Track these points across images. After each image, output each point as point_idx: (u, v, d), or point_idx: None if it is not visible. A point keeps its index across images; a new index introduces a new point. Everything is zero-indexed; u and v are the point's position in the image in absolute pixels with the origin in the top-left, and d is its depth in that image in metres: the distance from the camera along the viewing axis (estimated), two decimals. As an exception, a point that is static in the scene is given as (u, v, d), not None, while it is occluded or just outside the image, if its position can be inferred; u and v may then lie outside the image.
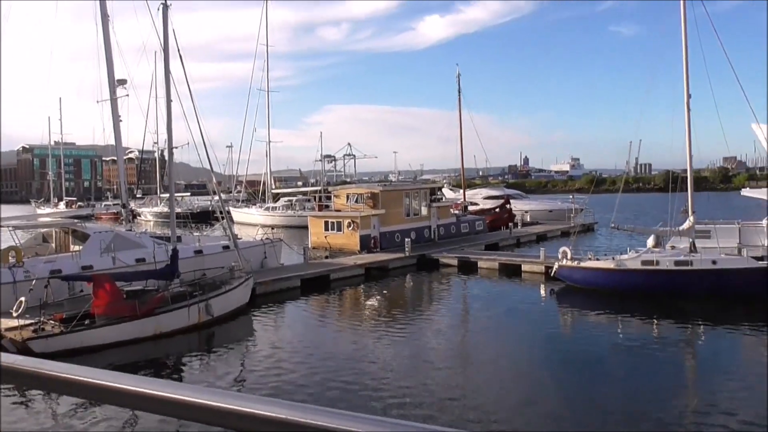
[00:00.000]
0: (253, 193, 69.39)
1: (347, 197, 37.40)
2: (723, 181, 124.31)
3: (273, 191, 69.62)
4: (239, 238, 26.16)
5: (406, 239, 33.07)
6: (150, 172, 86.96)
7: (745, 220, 28.97)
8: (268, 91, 63.68)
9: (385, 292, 26.75)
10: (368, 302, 24.38)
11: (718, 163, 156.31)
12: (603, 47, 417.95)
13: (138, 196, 73.13)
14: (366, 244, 33.93)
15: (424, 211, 38.55)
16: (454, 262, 31.97)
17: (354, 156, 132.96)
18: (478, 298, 25.25)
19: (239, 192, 70.86)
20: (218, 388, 11.58)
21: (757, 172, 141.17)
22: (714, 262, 22.81)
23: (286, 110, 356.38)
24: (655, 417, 11.96)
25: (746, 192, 32.78)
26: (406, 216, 37.31)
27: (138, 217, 61.42)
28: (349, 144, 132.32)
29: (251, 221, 55.86)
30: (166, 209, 66.99)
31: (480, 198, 56.29)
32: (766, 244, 25.72)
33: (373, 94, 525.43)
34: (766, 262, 22.95)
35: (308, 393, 13.22)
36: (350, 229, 34.42)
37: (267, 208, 62.44)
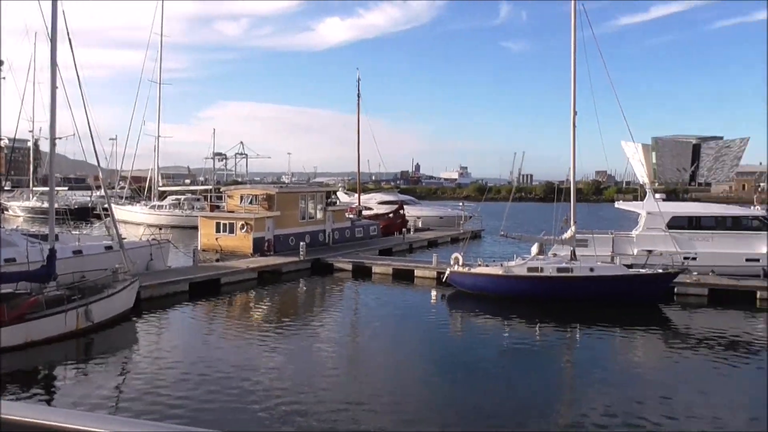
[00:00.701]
0: (138, 189, 65.81)
1: (241, 198, 36.40)
2: (596, 193, 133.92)
3: (160, 188, 66.42)
4: (124, 239, 24.62)
5: (301, 243, 32.70)
6: (23, 163, 79.97)
7: (615, 230, 31.38)
8: (160, 83, 60.84)
9: (277, 297, 26.30)
10: (260, 308, 23.83)
11: (592, 176, 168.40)
12: (494, 61, 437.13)
13: (6, 188, 67.00)
14: (259, 247, 33.21)
15: (319, 214, 38.35)
16: (349, 266, 32.02)
17: (246, 155, 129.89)
18: (371, 304, 25.41)
19: (122, 188, 66.91)
20: (92, 401, 10.80)
21: (624, 185, 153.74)
22: (591, 269, 24.47)
23: (178, 104, 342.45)
24: (538, 415, 12.58)
25: (620, 204, 35.44)
26: (301, 219, 36.92)
27: (5, 212, 56.30)
28: (241, 143, 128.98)
29: (135, 220, 52.96)
30: (38, 204, 61.97)
31: (374, 203, 56.81)
32: (635, 253, 27.99)
33: (270, 93, 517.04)
34: (635, 270, 24.98)
35: (193, 408, 12.58)
36: (243, 231, 33.53)
37: (153, 207, 59.43)
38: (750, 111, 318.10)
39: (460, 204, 62.41)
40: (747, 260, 27.55)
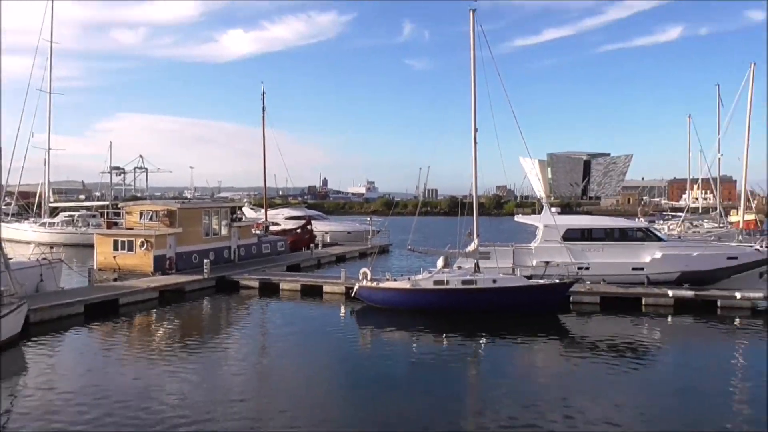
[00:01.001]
0: (26, 206, 61.41)
1: (141, 214, 34.83)
2: (497, 207, 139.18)
3: (51, 204, 62.34)
4: (10, 258, 22.87)
5: (205, 260, 31.74)
6: None
7: (516, 242, 32.79)
8: (50, 92, 57.36)
9: (180, 317, 25.33)
10: (162, 329, 22.86)
11: (492, 191, 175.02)
12: (398, 77, 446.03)
13: None
14: (161, 266, 31.90)
15: (224, 230, 37.42)
16: (256, 284, 31.42)
17: (146, 169, 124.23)
18: (279, 321, 25.02)
19: (8, 204, 62.17)
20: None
21: (523, 199, 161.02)
22: (494, 281, 25.42)
23: (71, 115, 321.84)
24: (448, 425, 12.87)
25: (519, 218, 37.09)
26: (205, 236, 35.87)
27: None
28: (141, 156, 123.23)
29: (23, 238, 49.39)
30: None
31: (282, 218, 56.22)
32: (534, 264, 29.36)
33: (172, 105, 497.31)
34: (534, 281, 26.19)
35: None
36: (143, 248, 32.09)
37: (43, 224, 55.68)
38: (632, 129, 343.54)
39: (368, 219, 63.00)
40: (633, 269, 29.60)
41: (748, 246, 32.60)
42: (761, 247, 32.36)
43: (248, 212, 59.61)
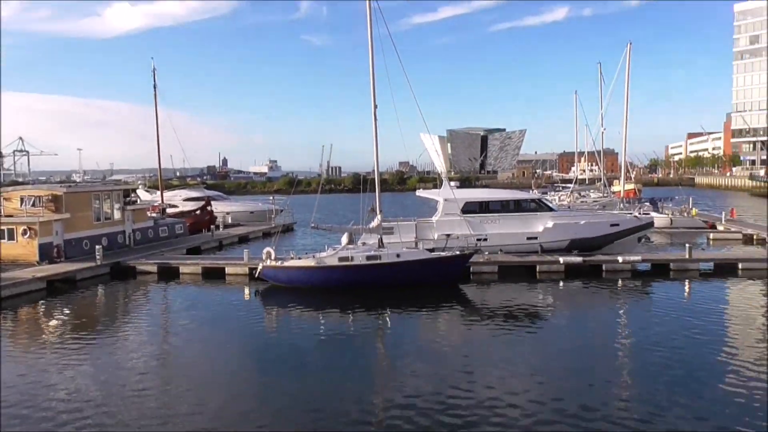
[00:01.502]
0: None
1: (21, 200, 32.31)
2: (400, 183, 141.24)
3: None
4: None
5: (97, 246, 30.09)
6: None
7: (418, 217, 33.52)
8: None
9: (72, 307, 23.91)
10: (52, 321, 21.48)
11: (395, 167, 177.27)
12: (297, 54, 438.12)
13: None
14: (47, 254, 29.86)
15: (117, 214, 35.54)
16: (154, 268, 30.19)
17: (27, 152, 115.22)
18: (180, 306, 24.22)
19: None
20: None
21: (425, 174, 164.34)
22: (398, 255, 25.88)
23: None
24: (359, 401, 13.07)
25: (420, 193, 37.88)
26: (96, 220, 33.90)
27: None
28: (20, 138, 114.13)
29: None
30: None
31: (179, 200, 54.14)
32: (436, 237, 30.17)
33: (54, 83, 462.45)
34: (436, 254, 26.92)
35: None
36: (26, 237, 29.88)
37: None
38: (525, 105, 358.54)
39: (271, 198, 62.03)
40: (527, 238, 31.15)
41: (628, 213, 35.16)
42: (639, 213, 35.03)
43: (143, 195, 56.82)
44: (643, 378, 14.28)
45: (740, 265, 28.11)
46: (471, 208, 31.61)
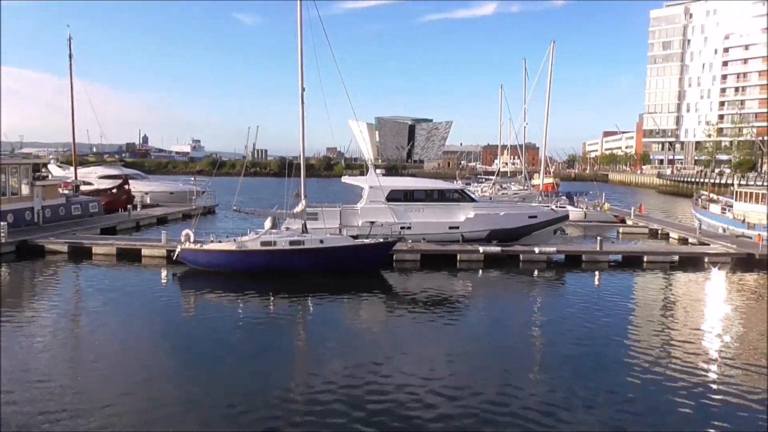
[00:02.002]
0: None
1: None
2: (326, 168, 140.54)
3: None
4: None
5: (2, 223, 28.31)
6: None
7: (343, 203, 33.54)
8: None
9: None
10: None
11: (323, 153, 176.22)
12: (226, 32, 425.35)
13: None
14: (-57, 230, 27.81)
15: (25, 190, 33.53)
16: (64, 248, 28.75)
17: None
18: (93, 288, 23.12)
19: None
20: None
21: (352, 161, 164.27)
22: (322, 242, 25.81)
23: None
24: (279, 388, 13.00)
25: (346, 179, 37.85)
26: (1, 196, 31.85)
27: None
28: None
29: None
30: None
31: (95, 177, 51.66)
32: (360, 224, 30.29)
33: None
34: (360, 240, 27.04)
35: None
36: None
37: None
38: (452, 97, 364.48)
39: (192, 179, 60.27)
40: (450, 228, 31.82)
41: (546, 206, 36.57)
42: (555, 207, 36.50)
43: (55, 170, 53.76)
44: (553, 362, 14.97)
45: (645, 258, 29.85)
46: (396, 197, 31.92)
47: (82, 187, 45.77)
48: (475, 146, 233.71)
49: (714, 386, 13.45)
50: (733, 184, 60.35)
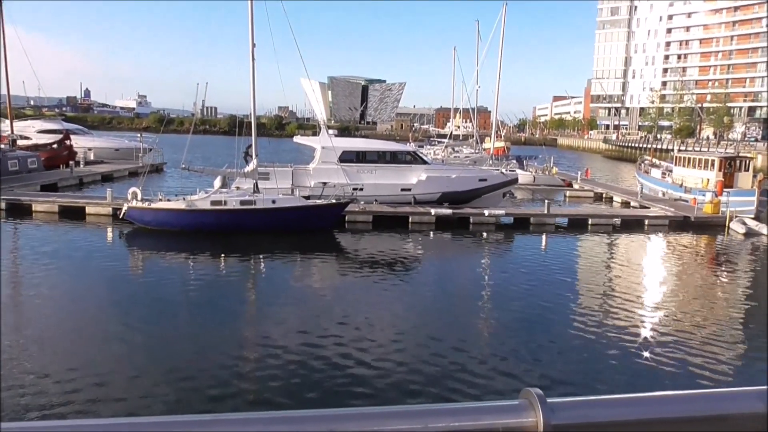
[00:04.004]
0: None
1: None
2: (278, 128, 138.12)
3: None
4: None
5: (-68, 179, 26.89)
6: None
7: (295, 164, 33.18)
8: None
9: None
10: None
11: (275, 112, 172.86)
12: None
13: None
14: None
15: (-44, 144, 31.79)
16: (1, 205, 27.59)
17: None
18: (34, 247, 22.36)
19: None
20: None
21: (304, 121, 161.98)
22: (273, 202, 25.58)
23: None
24: (228, 347, 13.02)
25: (298, 139, 37.36)
26: (-70, 150, 30.14)
27: None
28: None
29: None
30: None
31: (33, 131, 49.36)
32: (312, 185, 30.09)
33: None
34: (312, 201, 26.93)
35: None
36: None
37: None
38: (406, 58, 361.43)
39: (139, 135, 58.34)
40: (402, 190, 31.96)
41: (496, 170, 37.09)
42: (505, 170, 37.09)
43: (-12, 124, 51.09)
44: (499, 324, 15.47)
45: (590, 221, 30.84)
46: (348, 158, 31.75)
47: (20, 142, 43.72)
48: (429, 109, 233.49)
49: (649, 339, 14.19)
50: (673, 150, 62.48)
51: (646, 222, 31.26)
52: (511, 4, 51.26)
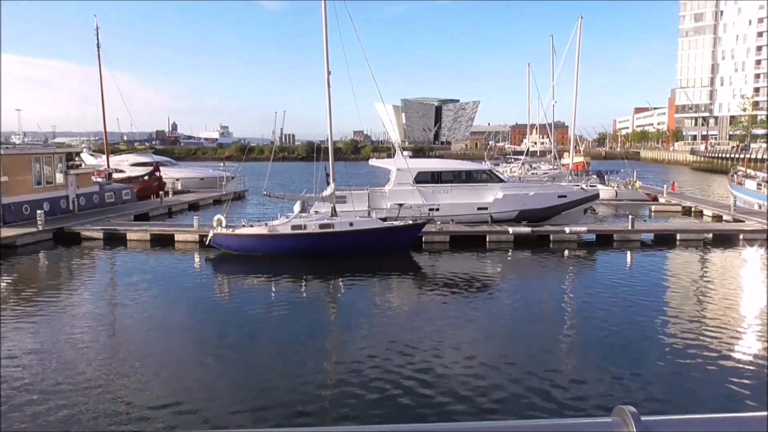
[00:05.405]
0: None
1: (-45, 162, 30.79)
2: (354, 151, 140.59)
3: None
4: None
5: (38, 211, 29.07)
6: None
7: (371, 186, 33.59)
8: None
9: (13, 274, 23.15)
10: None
11: (350, 136, 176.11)
12: (251, 18, 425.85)
13: None
14: (-16, 219, 28.70)
15: (59, 178, 34.34)
16: (99, 234, 29.45)
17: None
18: (128, 273, 23.68)
19: None
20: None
21: (380, 144, 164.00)
22: (351, 224, 25.95)
23: None
24: (312, 369, 13.22)
25: (373, 162, 37.87)
26: (36, 185, 32.68)
27: None
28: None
29: None
30: None
31: (126, 165, 52.61)
32: (388, 207, 30.34)
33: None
34: (389, 222, 27.12)
35: None
36: (-38, 201, 28.58)
37: None
38: (479, 77, 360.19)
39: (222, 164, 60.92)
40: (478, 209, 31.65)
41: (576, 186, 36.09)
42: (585, 186, 36.03)
43: (88, 159, 54.83)
44: (584, 344, 14.90)
45: (678, 236, 29.34)
46: (423, 178, 31.83)
47: (115, 175, 46.67)
48: (503, 126, 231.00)
49: (744, 367, 13.25)
50: (770, 159, 58.63)
51: (741, 236, 29.41)
52: (586, 16, 49.98)
